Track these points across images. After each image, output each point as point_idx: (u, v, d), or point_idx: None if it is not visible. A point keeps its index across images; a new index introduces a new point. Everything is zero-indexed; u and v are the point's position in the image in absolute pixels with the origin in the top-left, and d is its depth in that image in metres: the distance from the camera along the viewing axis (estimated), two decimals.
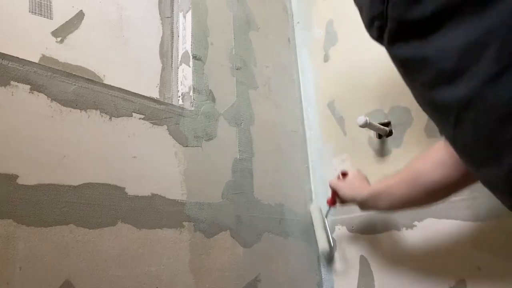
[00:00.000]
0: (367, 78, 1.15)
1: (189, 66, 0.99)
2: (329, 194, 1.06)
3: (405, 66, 0.53)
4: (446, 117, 0.50)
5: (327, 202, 1.07)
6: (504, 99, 0.42)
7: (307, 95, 1.31)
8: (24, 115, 0.68)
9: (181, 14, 1.05)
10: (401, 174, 0.79)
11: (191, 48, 1.00)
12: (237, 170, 1.01)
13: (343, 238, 1.13)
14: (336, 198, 1.03)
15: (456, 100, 0.47)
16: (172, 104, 0.95)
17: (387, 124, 1.09)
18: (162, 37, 1.04)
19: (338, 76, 1.24)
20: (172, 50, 1.04)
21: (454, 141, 0.52)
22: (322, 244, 1.11)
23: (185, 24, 1.04)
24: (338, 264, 1.14)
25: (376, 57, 1.10)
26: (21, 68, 0.68)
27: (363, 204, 0.90)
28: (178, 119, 0.91)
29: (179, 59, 1.02)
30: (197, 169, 0.92)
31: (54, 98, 0.72)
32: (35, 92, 0.70)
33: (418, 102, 0.56)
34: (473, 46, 0.44)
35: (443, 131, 0.55)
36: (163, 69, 1.02)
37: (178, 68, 1.02)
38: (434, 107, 0.52)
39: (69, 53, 0.84)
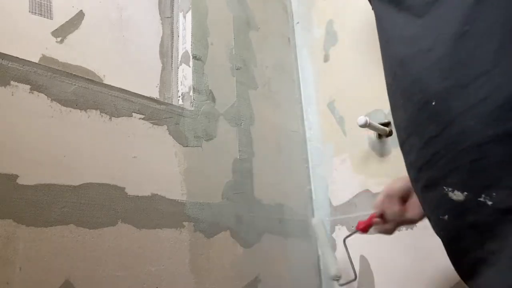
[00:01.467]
0: (367, 78, 1.15)
1: (189, 66, 0.99)
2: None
3: (377, 20, 0.60)
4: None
5: (359, 226, 0.83)
6: None
7: (307, 95, 1.31)
8: (24, 115, 0.68)
9: (181, 14, 1.05)
10: None
11: (191, 48, 1.00)
12: (237, 170, 1.01)
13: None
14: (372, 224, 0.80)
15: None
16: (172, 104, 0.95)
17: (387, 124, 1.09)
18: (162, 37, 1.04)
19: (338, 76, 1.24)
20: (172, 50, 1.04)
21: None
22: (333, 268, 0.93)
23: (185, 24, 1.04)
24: (338, 264, 1.13)
25: (376, 57, 1.10)
26: (21, 68, 0.68)
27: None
28: (178, 119, 0.91)
29: (179, 59, 1.02)
30: (197, 169, 0.92)
31: (54, 98, 0.72)
32: (35, 92, 0.70)
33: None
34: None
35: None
36: (163, 69, 1.02)
37: (178, 68, 1.02)
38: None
39: (69, 53, 0.84)
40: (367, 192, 1.10)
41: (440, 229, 0.49)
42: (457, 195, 0.44)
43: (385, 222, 0.77)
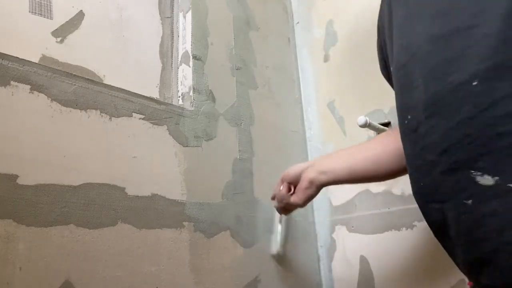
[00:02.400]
0: (367, 78, 1.15)
1: (189, 66, 0.99)
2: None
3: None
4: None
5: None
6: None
7: (307, 95, 1.31)
8: (24, 115, 0.68)
9: (181, 14, 1.05)
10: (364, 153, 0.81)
11: (191, 48, 1.00)
12: (237, 170, 1.01)
13: (343, 238, 1.13)
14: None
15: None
16: (172, 104, 0.95)
17: (387, 124, 1.09)
18: (162, 37, 1.04)
19: (338, 76, 1.24)
20: (172, 50, 1.04)
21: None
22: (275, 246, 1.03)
23: (185, 24, 1.04)
24: (338, 264, 1.14)
25: (376, 57, 1.10)
26: (21, 68, 0.68)
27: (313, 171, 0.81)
28: (178, 119, 0.91)
29: (179, 59, 1.02)
30: (197, 169, 0.92)
31: (54, 98, 0.72)
32: (35, 92, 0.69)
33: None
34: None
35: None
36: (163, 69, 1.02)
37: (178, 68, 1.02)
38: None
39: (69, 53, 0.84)
40: (367, 192, 1.10)
41: (461, 214, 0.46)
42: (486, 180, 0.42)
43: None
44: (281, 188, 0.86)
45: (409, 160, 0.56)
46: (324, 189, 1.19)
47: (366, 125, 1.01)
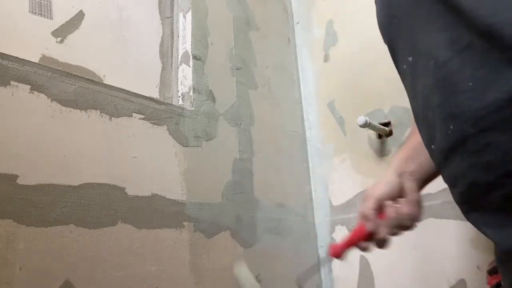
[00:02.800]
0: (367, 78, 1.15)
1: (189, 66, 0.99)
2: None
3: None
4: None
5: (332, 251, 0.73)
6: None
7: (307, 95, 1.31)
8: (24, 115, 0.68)
9: (181, 14, 1.05)
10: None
11: (191, 48, 1.00)
12: (237, 170, 1.01)
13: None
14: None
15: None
16: (172, 104, 0.95)
17: (387, 124, 1.09)
18: (162, 37, 1.04)
19: (338, 76, 1.24)
20: (172, 50, 1.04)
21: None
22: None
23: (185, 24, 1.04)
24: (338, 264, 1.14)
25: (376, 57, 1.10)
26: (21, 68, 0.68)
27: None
28: (178, 119, 0.91)
29: (179, 59, 1.02)
30: (197, 169, 0.92)
31: (54, 98, 0.72)
32: (35, 92, 0.69)
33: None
34: None
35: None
36: (163, 69, 1.02)
37: (178, 68, 1.02)
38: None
39: (69, 53, 0.84)
40: None
41: None
42: None
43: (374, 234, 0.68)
44: (394, 212, 0.65)
45: (456, 180, 0.45)
46: (324, 189, 1.20)
47: (366, 125, 1.01)
